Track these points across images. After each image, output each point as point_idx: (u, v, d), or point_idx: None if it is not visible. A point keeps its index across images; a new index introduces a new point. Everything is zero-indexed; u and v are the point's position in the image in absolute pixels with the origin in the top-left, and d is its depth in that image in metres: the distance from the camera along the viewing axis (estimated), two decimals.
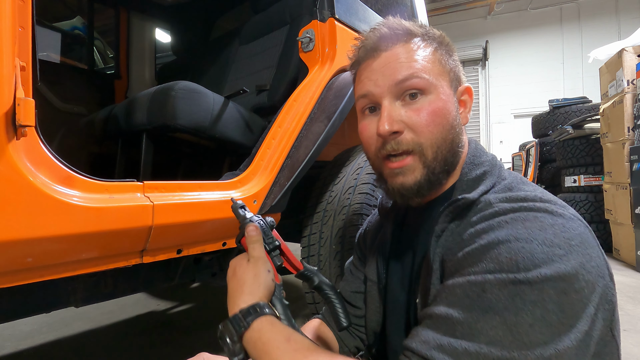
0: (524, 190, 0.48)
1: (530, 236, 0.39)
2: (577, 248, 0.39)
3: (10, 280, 0.67)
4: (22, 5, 0.62)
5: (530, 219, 0.42)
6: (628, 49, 2.89)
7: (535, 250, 0.38)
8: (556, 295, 0.37)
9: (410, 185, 0.55)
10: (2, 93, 0.58)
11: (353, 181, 1.28)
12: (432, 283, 0.49)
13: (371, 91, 0.56)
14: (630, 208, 2.77)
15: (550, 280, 0.37)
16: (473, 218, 0.48)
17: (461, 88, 0.59)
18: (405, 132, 0.53)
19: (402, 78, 0.53)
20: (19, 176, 0.61)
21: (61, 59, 2.09)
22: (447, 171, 0.56)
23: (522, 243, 0.39)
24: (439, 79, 0.55)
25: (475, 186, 0.53)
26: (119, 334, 1.83)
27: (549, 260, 0.37)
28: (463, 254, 0.44)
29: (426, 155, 0.53)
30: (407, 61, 0.54)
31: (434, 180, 0.55)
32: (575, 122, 3.65)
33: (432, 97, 0.54)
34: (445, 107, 0.54)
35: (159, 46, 2.40)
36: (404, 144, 0.53)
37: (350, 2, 1.44)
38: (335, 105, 1.27)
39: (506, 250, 0.40)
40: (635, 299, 2.13)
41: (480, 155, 0.58)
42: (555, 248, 0.38)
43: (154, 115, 1.07)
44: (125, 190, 0.79)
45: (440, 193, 0.59)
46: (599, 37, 7.37)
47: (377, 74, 0.55)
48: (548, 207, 0.44)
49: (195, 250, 0.98)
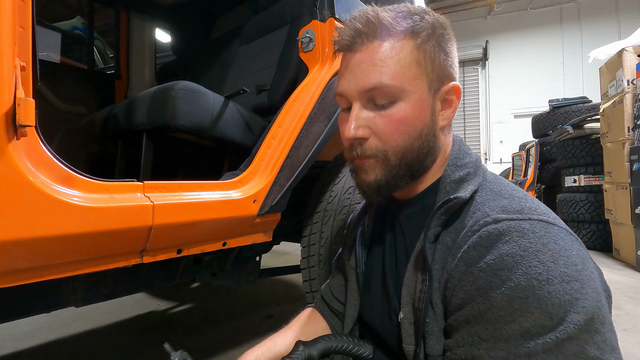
0: (514, 198, 0.49)
1: (549, 274, 0.40)
2: (584, 272, 0.41)
3: (10, 280, 0.67)
4: (22, 5, 0.62)
5: (540, 249, 0.42)
6: (628, 49, 2.89)
7: (558, 292, 0.39)
8: (590, 337, 0.38)
9: (370, 183, 0.56)
10: (2, 93, 0.58)
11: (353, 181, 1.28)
12: (432, 300, 0.49)
13: (345, 91, 0.55)
14: (630, 208, 2.77)
15: (584, 326, 0.38)
16: (469, 222, 0.48)
17: (446, 87, 0.55)
18: (371, 138, 0.54)
19: (371, 86, 0.52)
20: (19, 176, 0.61)
21: (61, 59, 2.09)
22: (411, 176, 0.56)
23: (545, 287, 0.39)
24: (412, 84, 0.52)
25: (460, 187, 0.53)
26: (119, 334, 1.83)
27: (573, 300, 0.39)
28: (485, 302, 0.42)
29: (389, 161, 0.54)
30: (379, 65, 0.51)
31: (394, 184, 0.55)
32: (575, 122, 3.66)
33: (401, 105, 0.52)
34: (415, 115, 0.52)
35: (159, 46, 2.40)
36: (368, 150, 0.54)
37: (351, 2, 1.44)
38: (335, 105, 1.27)
39: (534, 299, 0.39)
40: (635, 299, 2.13)
41: (464, 157, 0.58)
42: (572, 282, 0.40)
43: (154, 115, 1.07)
44: (125, 190, 0.79)
45: (418, 192, 0.59)
46: (599, 37, 7.37)
47: (350, 74, 0.54)
48: (543, 219, 0.45)
49: (195, 250, 0.98)
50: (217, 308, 2.21)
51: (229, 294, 2.42)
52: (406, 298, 0.53)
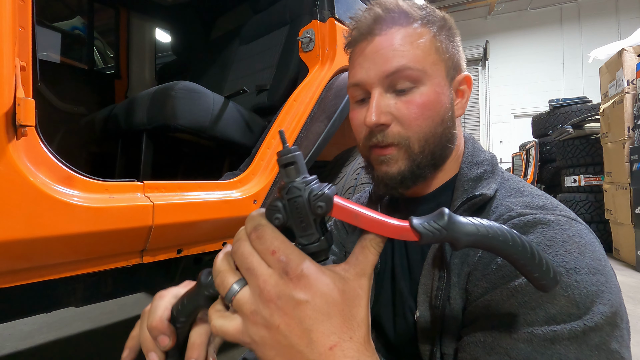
0: (535, 195, 0.49)
1: (576, 264, 0.40)
2: (607, 267, 0.41)
3: (10, 280, 0.67)
4: (22, 5, 0.62)
5: (566, 240, 0.41)
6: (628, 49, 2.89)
7: (585, 282, 0.39)
8: (612, 330, 0.38)
9: (393, 175, 0.53)
10: (2, 93, 0.58)
11: (353, 181, 1.28)
12: (450, 295, 0.48)
13: (362, 80, 0.54)
14: (630, 208, 2.77)
15: (609, 319, 0.38)
16: (491, 217, 0.48)
17: (459, 77, 0.56)
18: (393, 124, 0.52)
19: (393, 70, 0.51)
20: (19, 176, 0.61)
21: (61, 59, 2.09)
22: (434, 165, 0.54)
23: (573, 275, 0.39)
24: (433, 69, 0.52)
25: (478, 185, 0.52)
26: (119, 334, 1.83)
27: (599, 292, 0.39)
28: (509, 288, 0.41)
29: (412, 148, 0.52)
30: (400, 49, 0.51)
31: (419, 174, 0.53)
32: (575, 122, 3.66)
33: (424, 89, 0.51)
34: (437, 100, 0.52)
35: (159, 46, 2.40)
36: (390, 136, 0.52)
37: (351, 2, 1.45)
38: (335, 105, 1.27)
39: (561, 286, 0.39)
40: (635, 299, 2.13)
41: (478, 154, 0.57)
42: (598, 275, 0.39)
43: (154, 115, 1.07)
44: (126, 190, 0.79)
45: (431, 190, 0.58)
46: (599, 37, 7.38)
47: (368, 61, 0.53)
48: (566, 215, 0.45)
49: (195, 250, 0.98)
50: None
51: None
52: (422, 297, 0.51)
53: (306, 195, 0.29)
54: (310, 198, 0.29)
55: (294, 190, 0.29)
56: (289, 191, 0.29)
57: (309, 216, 0.29)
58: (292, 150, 0.30)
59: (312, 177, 0.30)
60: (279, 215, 0.30)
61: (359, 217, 0.30)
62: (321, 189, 0.29)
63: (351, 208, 0.30)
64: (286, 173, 0.30)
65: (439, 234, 0.30)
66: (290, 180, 0.30)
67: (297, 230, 0.30)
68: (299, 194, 0.29)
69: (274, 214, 0.30)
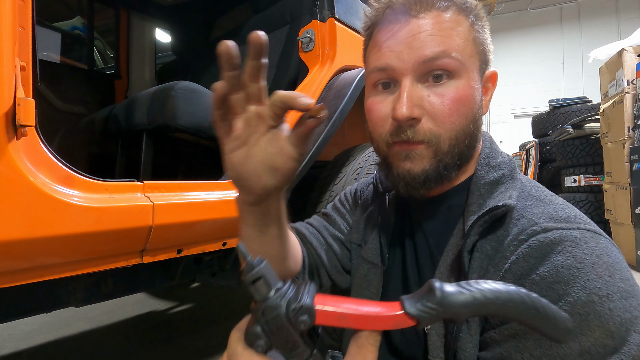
0: (556, 204, 0.46)
1: (609, 289, 0.37)
2: (636, 287, 0.39)
3: (10, 280, 0.67)
4: (22, 5, 0.62)
5: (596, 261, 0.39)
6: (628, 49, 2.89)
7: (618, 309, 0.37)
8: None
9: (417, 174, 0.48)
10: (2, 93, 0.58)
11: (353, 181, 1.28)
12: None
13: (392, 65, 0.47)
14: (630, 208, 2.77)
15: None
16: (512, 229, 0.44)
17: (488, 73, 0.52)
18: (424, 120, 0.46)
19: (433, 56, 0.45)
20: (19, 176, 0.61)
21: (61, 59, 2.09)
22: (459, 166, 0.50)
23: (606, 303, 0.37)
24: (470, 61, 0.47)
25: (495, 190, 0.49)
26: (119, 334, 1.83)
27: (633, 319, 0.37)
28: None
29: (442, 147, 0.47)
30: (440, 35, 0.45)
31: (444, 174, 0.49)
32: (575, 122, 3.65)
33: (460, 82, 0.46)
34: (472, 95, 0.47)
35: (159, 46, 2.40)
36: (421, 133, 0.46)
37: (350, 2, 1.44)
38: (335, 105, 1.27)
39: (595, 316, 0.36)
40: None
41: (496, 156, 0.53)
42: (630, 299, 0.38)
43: (154, 115, 1.07)
44: (125, 190, 0.79)
45: (444, 190, 0.53)
46: (599, 37, 7.37)
47: (402, 45, 0.46)
48: (590, 228, 0.42)
49: (195, 250, 0.98)
50: (217, 308, 2.21)
51: (229, 294, 2.42)
52: None
53: (284, 311, 0.27)
54: (289, 315, 0.27)
55: (269, 310, 0.27)
56: (265, 312, 0.27)
57: (293, 334, 0.27)
58: (256, 263, 0.28)
59: (285, 285, 0.28)
60: (261, 342, 0.28)
61: (347, 318, 0.28)
62: (299, 298, 0.27)
63: (337, 311, 0.28)
64: (256, 290, 0.28)
65: (436, 314, 0.28)
66: (262, 297, 0.28)
67: (284, 352, 0.28)
68: (276, 313, 0.27)
69: (255, 341, 0.28)
